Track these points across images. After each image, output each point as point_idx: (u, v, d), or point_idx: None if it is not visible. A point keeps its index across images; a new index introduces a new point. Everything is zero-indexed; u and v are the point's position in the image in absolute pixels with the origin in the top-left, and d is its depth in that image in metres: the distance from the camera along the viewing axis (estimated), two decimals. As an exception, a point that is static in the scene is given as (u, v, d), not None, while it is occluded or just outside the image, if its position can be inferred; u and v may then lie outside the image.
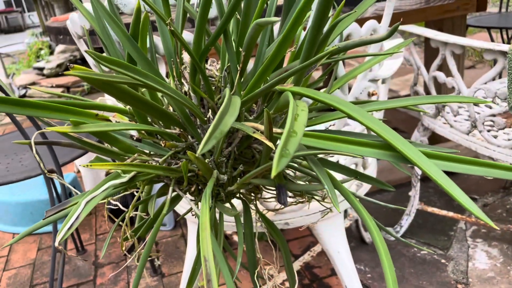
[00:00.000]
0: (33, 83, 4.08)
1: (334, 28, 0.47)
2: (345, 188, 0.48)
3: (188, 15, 0.59)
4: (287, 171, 0.69)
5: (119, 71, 0.34)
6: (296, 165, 0.62)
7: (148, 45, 0.63)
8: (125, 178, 0.52)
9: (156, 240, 1.60)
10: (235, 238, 1.40)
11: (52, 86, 3.88)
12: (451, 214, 1.40)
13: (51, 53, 4.91)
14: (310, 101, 0.71)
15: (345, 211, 1.50)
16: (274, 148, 0.44)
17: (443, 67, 1.12)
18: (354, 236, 1.48)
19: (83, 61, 4.57)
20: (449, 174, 0.39)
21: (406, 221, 1.44)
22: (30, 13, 10.85)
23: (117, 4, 0.62)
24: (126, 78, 0.36)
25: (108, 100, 0.85)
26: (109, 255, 1.55)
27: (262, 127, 0.48)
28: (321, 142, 0.44)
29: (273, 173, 0.25)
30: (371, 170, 0.97)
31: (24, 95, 3.91)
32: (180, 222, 1.68)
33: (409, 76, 3.08)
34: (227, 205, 0.64)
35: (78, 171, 2.16)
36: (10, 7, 10.94)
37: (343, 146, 0.44)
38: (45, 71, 4.27)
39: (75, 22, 0.70)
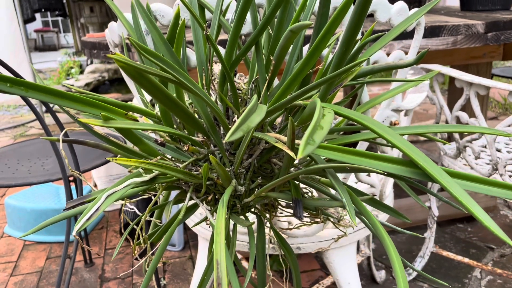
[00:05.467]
0: (61, 99, 4.20)
1: (364, 46, 0.48)
2: (364, 205, 0.48)
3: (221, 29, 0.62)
4: (305, 190, 0.69)
5: (155, 62, 0.36)
6: (315, 184, 0.62)
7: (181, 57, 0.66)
8: (147, 177, 0.53)
9: (164, 259, 1.58)
10: (245, 264, 1.38)
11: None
12: (466, 260, 1.36)
13: (81, 72, 5.08)
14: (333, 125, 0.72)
15: (358, 247, 1.47)
16: (295, 157, 0.44)
17: (466, 108, 1.12)
18: (365, 274, 1.44)
19: (110, 83, 4.71)
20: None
21: (419, 263, 1.40)
22: (65, 33, 11.31)
23: (155, 15, 0.65)
24: (159, 72, 0.38)
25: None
26: (116, 270, 1.54)
27: (284, 139, 0.49)
28: (343, 156, 0.45)
29: (299, 156, 0.26)
30: (388, 203, 0.96)
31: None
32: (189, 244, 1.67)
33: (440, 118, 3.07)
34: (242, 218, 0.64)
35: (95, 185, 2.19)
36: (47, 26, 11.44)
37: (365, 160, 0.44)
38: (73, 89, 4.40)
39: (113, 31, 0.73)
